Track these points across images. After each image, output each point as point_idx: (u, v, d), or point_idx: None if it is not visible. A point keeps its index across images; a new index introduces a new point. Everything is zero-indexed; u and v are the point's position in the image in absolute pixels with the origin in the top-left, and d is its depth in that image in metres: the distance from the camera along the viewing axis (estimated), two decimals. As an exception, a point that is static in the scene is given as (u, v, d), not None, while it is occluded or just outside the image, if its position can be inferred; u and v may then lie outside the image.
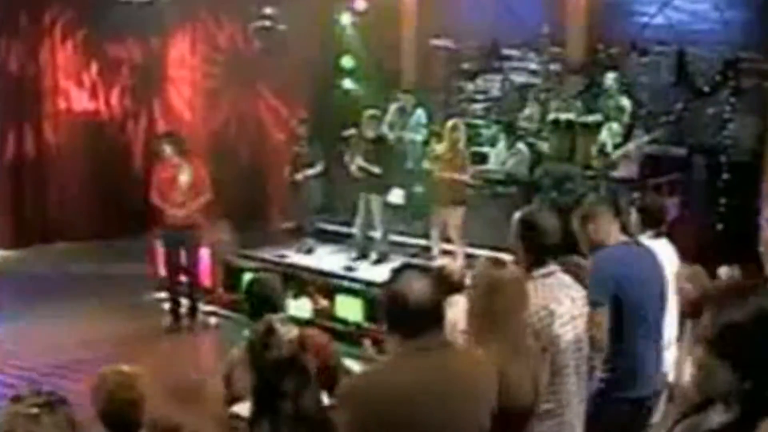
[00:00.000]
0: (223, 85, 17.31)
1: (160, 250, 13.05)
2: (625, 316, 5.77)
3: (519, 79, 16.13)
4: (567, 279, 5.41)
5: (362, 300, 12.04)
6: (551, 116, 14.29)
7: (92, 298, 13.38)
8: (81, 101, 16.84)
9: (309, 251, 14.18)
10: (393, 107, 15.13)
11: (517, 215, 5.52)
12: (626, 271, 5.87)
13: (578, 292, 5.39)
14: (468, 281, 5.12)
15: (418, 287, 4.12)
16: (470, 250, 12.59)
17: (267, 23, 16.55)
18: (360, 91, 16.64)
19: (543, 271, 5.30)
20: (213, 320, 13.05)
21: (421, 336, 4.12)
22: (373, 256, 13.46)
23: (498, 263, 4.93)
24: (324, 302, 12.24)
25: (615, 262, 5.93)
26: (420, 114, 15.12)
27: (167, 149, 11.97)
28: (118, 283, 13.97)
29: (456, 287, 6.44)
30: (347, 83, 16.92)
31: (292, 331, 4.50)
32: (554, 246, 5.39)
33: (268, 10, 16.48)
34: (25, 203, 16.55)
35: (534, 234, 5.35)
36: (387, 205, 13.44)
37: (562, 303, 5.23)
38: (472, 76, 16.58)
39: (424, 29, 16.76)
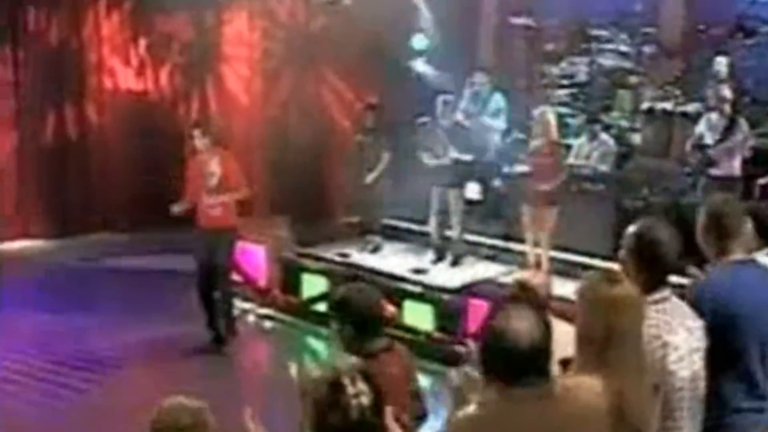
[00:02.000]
0: (282, 65, 16.89)
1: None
2: (722, 356, 5.04)
3: (608, 62, 15.64)
4: (683, 306, 4.96)
5: (433, 307, 11.74)
6: (645, 105, 13.91)
7: (134, 296, 13.23)
8: (127, 80, 16.65)
9: (375, 250, 13.89)
10: (468, 92, 14.71)
11: (631, 229, 5.05)
12: (732, 301, 5.14)
13: (695, 322, 4.92)
14: (576, 298, 4.63)
15: (523, 327, 3.82)
16: (553, 254, 12.34)
17: (331, -3, 16.11)
18: (432, 74, 16.17)
19: (657, 296, 4.86)
20: (268, 324, 12.90)
21: (524, 382, 3.83)
22: (449, 257, 13.12)
23: (612, 278, 4.55)
24: (391, 308, 11.87)
25: (720, 286, 5.21)
26: (498, 98, 14.75)
27: (197, 140, 11.48)
28: (163, 279, 13.81)
29: (541, 305, 6.08)
30: (419, 65, 16.45)
31: (364, 392, 3.87)
32: (673, 266, 4.96)
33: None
34: (66, 190, 16.42)
35: (652, 252, 4.92)
36: (464, 201, 13.11)
37: (678, 334, 4.79)
38: (556, 58, 16.15)
39: (504, 6, 16.41)
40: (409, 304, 11.93)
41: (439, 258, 13.26)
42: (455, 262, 13.12)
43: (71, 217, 16.36)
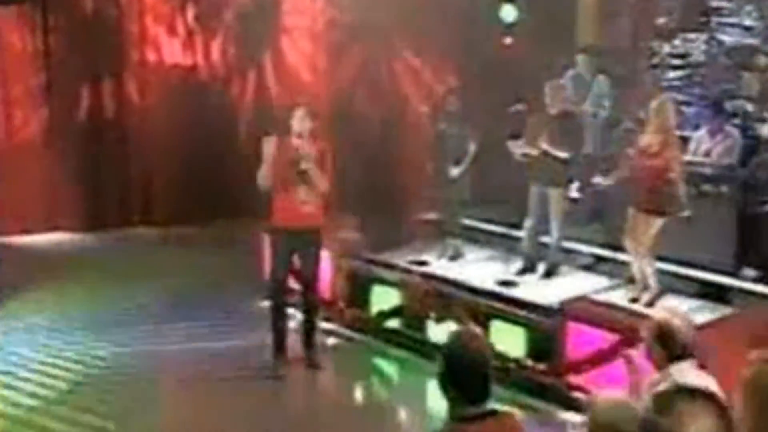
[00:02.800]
0: (351, 38, 15.69)
1: (268, 252, 11.26)
2: None
3: (730, 39, 14.21)
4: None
5: (525, 330, 10.27)
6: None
7: (177, 300, 12.54)
8: (173, 54, 15.90)
9: (455, 257, 12.50)
10: (568, 74, 13.32)
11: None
12: None
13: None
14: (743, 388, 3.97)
15: None
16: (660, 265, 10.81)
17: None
18: (524, 52, 14.57)
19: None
20: (331, 340, 11.60)
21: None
22: (542, 267, 11.75)
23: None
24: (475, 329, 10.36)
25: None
26: (602, 82, 13.39)
27: (299, 122, 10.01)
28: (211, 281, 13.12)
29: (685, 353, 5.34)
30: (508, 41, 14.88)
31: None
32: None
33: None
34: (103, 178, 15.83)
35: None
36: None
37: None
38: (667, 35, 14.69)
39: None
40: (496, 325, 10.47)
41: (529, 268, 11.85)
42: (549, 273, 11.73)
43: (106, 209, 15.89)
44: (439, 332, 10.46)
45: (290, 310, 10.68)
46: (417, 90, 15.65)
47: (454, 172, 12.19)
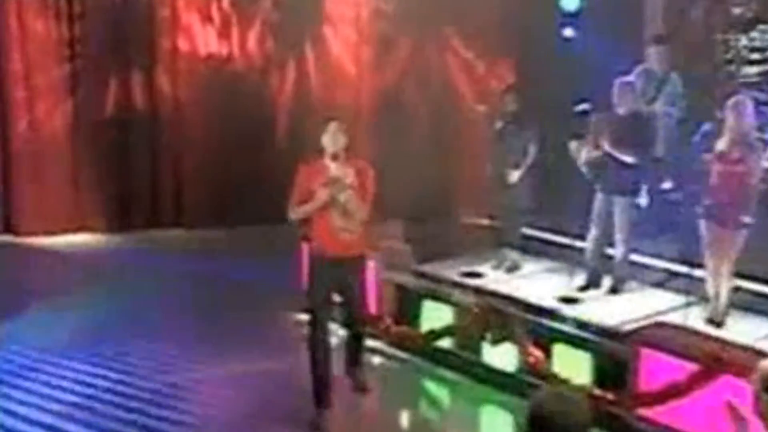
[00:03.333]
0: (398, 29, 15.28)
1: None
2: None
3: None
4: None
5: (592, 355, 9.47)
6: None
7: (206, 314, 11.86)
8: (208, 43, 15.34)
9: (512, 269, 11.83)
10: (637, 70, 12.47)
11: None
12: None
13: None
14: None
15: None
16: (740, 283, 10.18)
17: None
18: (587, 45, 13.78)
19: None
20: (376, 360, 10.80)
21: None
22: (607, 283, 11.06)
23: None
24: (536, 352, 9.64)
25: None
26: (675, 80, 12.48)
27: (332, 141, 8.89)
28: (243, 288, 12.64)
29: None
30: (569, 33, 14.09)
31: None
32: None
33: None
34: (130, 175, 15.40)
35: None
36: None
37: None
38: (744, 25, 13.89)
39: None
40: (560, 349, 9.69)
41: (593, 283, 11.14)
42: (614, 290, 11.04)
43: (136, 208, 15.44)
44: (495, 355, 9.95)
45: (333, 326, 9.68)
46: (469, 86, 15.35)
47: (514, 176, 11.55)
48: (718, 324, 9.70)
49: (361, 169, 9.00)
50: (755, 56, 13.79)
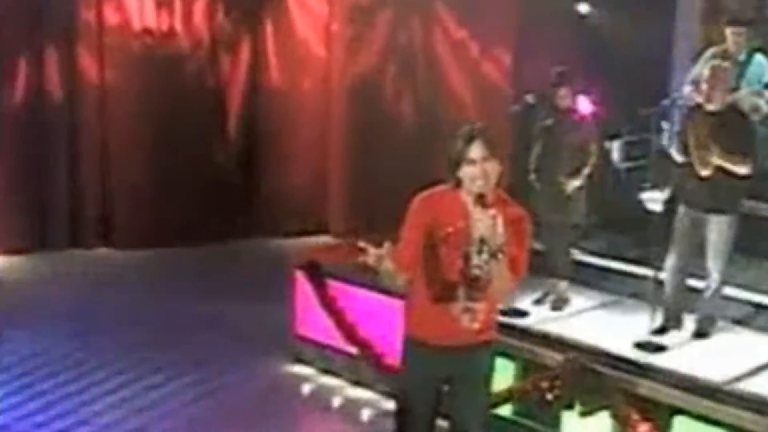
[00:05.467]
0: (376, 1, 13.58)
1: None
2: None
3: None
4: None
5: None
6: None
7: (147, 362, 9.52)
8: (143, 14, 13.39)
9: (558, 305, 9.48)
10: (709, 52, 10.62)
11: None
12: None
13: None
14: None
15: None
16: None
17: None
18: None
19: None
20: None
21: None
22: (690, 323, 8.91)
23: None
24: (645, 427, 7.34)
25: None
26: (762, 63, 10.65)
27: (480, 172, 5.58)
28: (192, 332, 10.33)
29: None
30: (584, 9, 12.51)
31: None
32: None
33: None
34: (47, 183, 13.42)
35: None
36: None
37: None
38: None
39: None
40: (683, 424, 7.36)
41: (673, 323, 8.93)
42: (703, 332, 8.86)
43: (52, 224, 13.43)
44: (579, 428, 7.66)
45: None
46: (460, 69, 13.48)
47: (571, 185, 9.54)
48: None
49: (515, 218, 5.73)
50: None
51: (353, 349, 9.03)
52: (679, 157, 8.76)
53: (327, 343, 9.20)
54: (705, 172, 8.43)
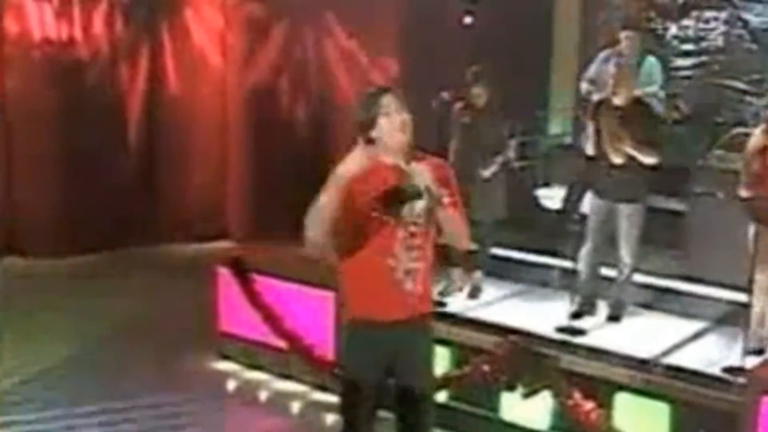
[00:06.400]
0: (271, 12, 12.67)
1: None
2: None
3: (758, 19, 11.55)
4: None
5: (671, 407, 6.83)
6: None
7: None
8: (44, 26, 12.08)
9: (474, 294, 9.22)
10: (603, 54, 10.40)
11: None
12: None
13: None
14: None
15: None
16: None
17: None
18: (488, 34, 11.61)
19: None
20: (330, 419, 7.77)
21: None
22: (604, 308, 8.69)
23: None
24: (588, 405, 6.91)
25: None
26: (653, 64, 10.43)
27: (398, 122, 5.04)
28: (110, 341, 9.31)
29: None
30: (468, 20, 11.70)
31: None
32: None
33: None
34: None
35: None
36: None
37: None
38: (677, 11, 12.08)
39: None
40: (625, 401, 7.01)
41: (587, 309, 8.66)
42: (616, 316, 8.60)
43: None
44: (518, 409, 7.21)
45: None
46: (351, 79, 12.75)
47: (485, 172, 9.19)
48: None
49: (437, 165, 5.16)
50: (686, 47, 12.07)
51: (281, 343, 8.33)
52: (590, 150, 8.46)
53: (252, 338, 8.53)
54: (618, 160, 8.18)
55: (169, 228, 12.32)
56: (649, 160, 8.11)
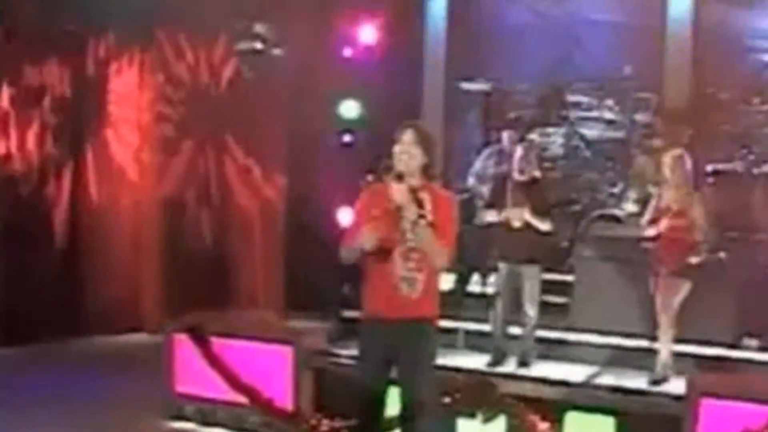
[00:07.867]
0: (180, 132, 12.26)
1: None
2: None
3: (591, 132, 11.91)
4: None
5: (615, 419, 6.82)
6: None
7: None
8: None
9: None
10: (487, 151, 10.64)
11: None
12: None
13: None
14: None
15: None
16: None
17: (257, 45, 11.63)
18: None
19: None
20: None
21: None
22: (512, 359, 8.48)
23: None
24: (543, 425, 6.84)
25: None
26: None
27: (406, 154, 5.17)
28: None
29: None
30: (348, 138, 11.19)
31: None
32: None
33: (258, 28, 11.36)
34: None
35: None
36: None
37: None
38: (521, 128, 11.80)
39: (453, 70, 12.32)
40: (573, 419, 6.95)
41: (499, 361, 8.47)
42: (524, 362, 8.41)
43: None
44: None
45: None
46: (243, 188, 12.62)
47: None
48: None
49: (442, 196, 5.31)
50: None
51: (241, 399, 7.60)
52: (493, 217, 8.40)
53: (207, 396, 7.80)
54: (517, 224, 8.18)
55: (90, 322, 11.24)
56: (543, 226, 8.22)
